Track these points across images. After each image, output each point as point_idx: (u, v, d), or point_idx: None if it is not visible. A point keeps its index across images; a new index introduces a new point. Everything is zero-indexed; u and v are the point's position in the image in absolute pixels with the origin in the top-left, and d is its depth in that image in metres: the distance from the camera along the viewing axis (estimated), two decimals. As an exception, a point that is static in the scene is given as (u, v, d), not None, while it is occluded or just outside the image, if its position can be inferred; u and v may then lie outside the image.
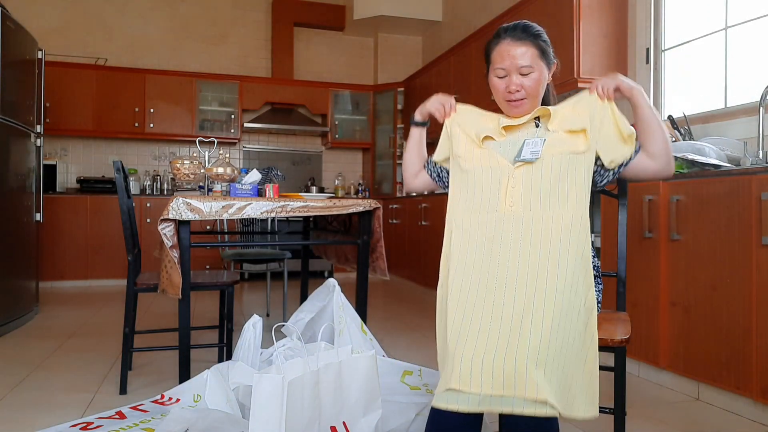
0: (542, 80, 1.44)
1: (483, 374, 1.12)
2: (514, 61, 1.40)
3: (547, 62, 1.45)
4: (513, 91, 1.41)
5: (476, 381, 1.12)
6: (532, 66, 1.41)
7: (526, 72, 1.41)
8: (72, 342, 3.16)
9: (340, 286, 1.92)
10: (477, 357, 1.14)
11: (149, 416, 1.73)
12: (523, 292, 1.20)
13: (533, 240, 1.26)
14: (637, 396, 2.33)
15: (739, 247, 2.05)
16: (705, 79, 3.04)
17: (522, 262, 1.24)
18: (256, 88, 6.10)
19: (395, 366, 1.80)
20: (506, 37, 1.43)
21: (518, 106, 1.43)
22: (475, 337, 1.17)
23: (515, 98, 1.42)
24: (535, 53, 1.41)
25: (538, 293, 1.20)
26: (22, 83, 3.63)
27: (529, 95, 1.42)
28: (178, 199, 2.09)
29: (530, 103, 1.44)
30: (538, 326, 1.16)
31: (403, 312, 4.19)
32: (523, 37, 1.41)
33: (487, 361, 1.13)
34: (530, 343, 1.14)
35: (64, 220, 5.26)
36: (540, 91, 1.45)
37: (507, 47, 1.41)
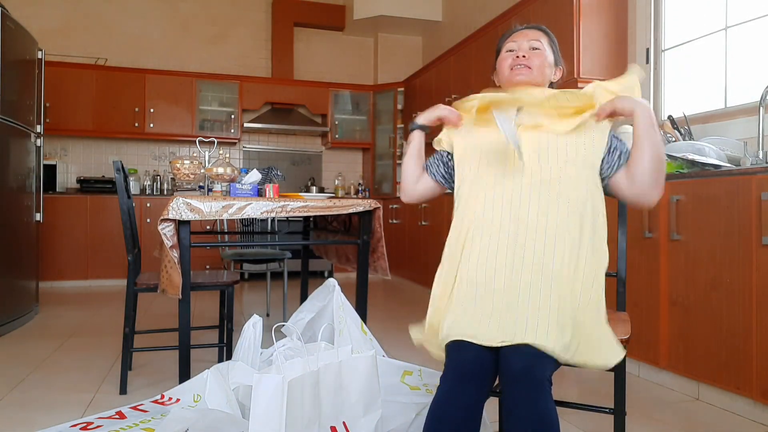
0: (548, 65, 1.50)
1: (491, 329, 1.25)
2: (526, 37, 1.51)
3: (555, 57, 1.53)
4: (520, 57, 1.48)
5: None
6: (542, 46, 1.50)
7: (536, 46, 1.49)
8: (72, 342, 3.16)
9: (340, 286, 1.92)
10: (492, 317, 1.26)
11: (149, 416, 1.73)
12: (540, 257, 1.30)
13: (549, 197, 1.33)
14: (637, 396, 2.33)
15: (739, 247, 2.05)
16: (705, 79, 3.04)
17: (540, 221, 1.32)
18: (256, 88, 6.10)
19: (395, 366, 1.80)
20: (522, 28, 1.55)
21: (521, 73, 1.47)
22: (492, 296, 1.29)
23: (520, 63, 1.47)
24: (546, 40, 1.52)
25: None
26: (22, 83, 3.63)
27: (533, 67, 1.47)
28: (178, 199, 2.09)
29: (532, 75, 1.47)
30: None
31: (403, 312, 4.19)
32: (539, 30, 1.54)
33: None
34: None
35: (64, 220, 5.26)
36: (544, 74, 1.49)
37: (521, 32, 1.53)
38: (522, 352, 1.19)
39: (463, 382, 1.23)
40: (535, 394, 1.16)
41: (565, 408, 1.61)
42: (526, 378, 1.16)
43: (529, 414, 1.16)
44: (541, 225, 1.30)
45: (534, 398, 1.16)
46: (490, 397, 1.60)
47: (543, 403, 1.16)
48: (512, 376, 1.18)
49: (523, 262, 1.29)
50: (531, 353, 1.18)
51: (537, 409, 1.16)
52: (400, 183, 1.66)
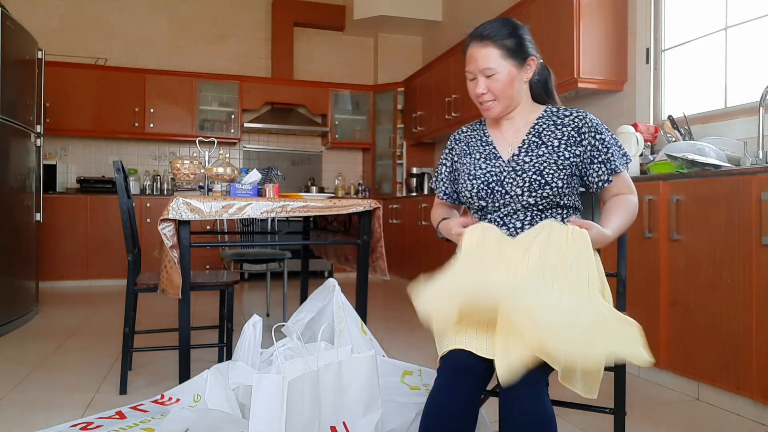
0: (512, 80, 1.44)
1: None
2: (477, 64, 1.43)
3: (516, 61, 1.43)
4: (480, 95, 1.46)
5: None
6: (494, 67, 1.42)
7: (489, 74, 1.43)
8: (72, 342, 3.16)
9: (340, 286, 1.92)
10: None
11: (149, 416, 1.73)
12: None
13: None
14: (637, 396, 2.33)
15: (739, 247, 2.05)
16: (705, 79, 3.04)
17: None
18: (256, 88, 6.10)
19: (395, 366, 1.80)
20: (471, 41, 1.46)
21: (488, 109, 1.48)
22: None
23: (483, 101, 1.47)
24: (497, 53, 1.41)
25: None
26: (22, 83, 3.63)
27: (498, 97, 1.45)
28: (178, 199, 2.09)
29: (501, 105, 1.47)
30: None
31: (403, 312, 4.18)
32: (484, 40, 1.43)
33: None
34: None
35: (64, 220, 5.26)
36: (511, 92, 1.45)
37: (471, 51, 1.45)
38: None
39: (457, 377, 1.24)
40: (532, 393, 1.16)
41: (565, 408, 1.61)
42: (522, 377, 1.16)
43: (525, 413, 1.16)
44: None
45: (530, 397, 1.16)
46: (491, 398, 1.60)
47: (539, 401, 1.17)
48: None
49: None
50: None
51: (533, 407, 1.16)
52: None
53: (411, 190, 5.87)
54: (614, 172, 1.43)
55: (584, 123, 1.45)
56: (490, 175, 1.47)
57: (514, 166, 1.45)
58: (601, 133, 1.44)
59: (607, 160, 1.43)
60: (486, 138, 1.55)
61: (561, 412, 2.11)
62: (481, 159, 1.52)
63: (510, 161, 1.47)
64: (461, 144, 1.60)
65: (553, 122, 1.48)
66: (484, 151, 1.53)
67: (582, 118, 1.46)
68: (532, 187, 1.42)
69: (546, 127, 1.48)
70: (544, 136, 1.47)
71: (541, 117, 1.50)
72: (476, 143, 1.56)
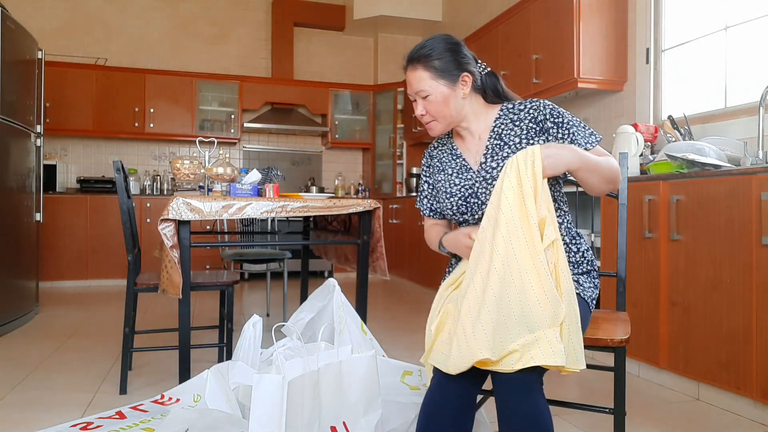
0: (446, 99, 1.42)
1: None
2: (411, 87, 1.46)
3: (448, 80, 1.42)
4: (420, 116, 1.47)
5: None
6: (427, 89, 1.43)
7: (424, 95, 1.44)
8: (72, 342, 3.16)
9: (340, 286, 1.92)
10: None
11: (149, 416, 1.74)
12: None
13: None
14: (637, 396, 2.33)
15: (739, 247, 2.05)
16: (705, 79, 3.04)
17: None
18: (256, 88, 6.10)
19: (395, 366, 1.80)
20: (406, 64, 1.48)
21: (431, 129, 1.49)
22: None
23: (424, 122, 1.48)
24: (427, 75, 1.42)
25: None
26: (22, 83, 3.63)
27: (437, 117, 1.45)
28: (178, 199, 2.09)
29: (442, 124, 1.47)
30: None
31: (403, 312, 4.19)
32: (413, 63, 1.45)
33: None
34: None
35: (64, 220, 5.26)
36: (448, 111, 1.44)
37: (407, 74, 1.47)
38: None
39: (451, 376, 1.24)
40: (526, 393, 1.16)
41: (565, 408, 1.61)
42: (516, 377, 1.16)
43: (520, 413, 1.16)
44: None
45: (525, 397, 1.16)
46: (490, 398, 1.60)
47: (534, 402, 1.16)
48: (503, 375, 1.18)
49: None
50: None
51: (528, 408, 1.16)
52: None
53: (411, 190, 5.87)
54: (594, 144, 1.39)
55: (539, 112, 1.41)
56: (465, 189, 1.47)
57: (483, 174, 1.44)
58: (560, 116, 1.40)
59: (572, 142, 1.37)
60: (455, 151, 1.54)
61: (561, 412, 2.12)
62: (454, 174, 1.51)
63: (479, 170, 1.46)
64: (434, 160, 1.59)
65: (510, 120, 1.46)
66: (455, 165, 1.52)
67: (536, 107, 1.42)
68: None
69: (505, 127, 1.46)
70: (505, 136, 1.45)
71: (498, 118, 1.48)
72: (447, 158, 1.55)
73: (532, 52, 3.74)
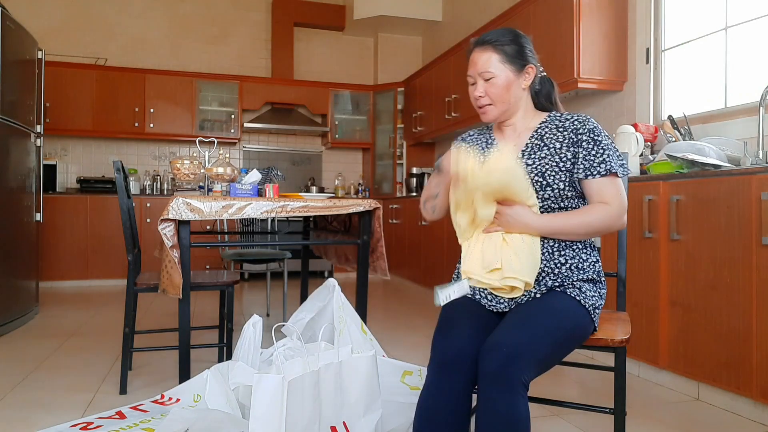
0: (510, 84, 1.48)
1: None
2: (476, 68, 1.49)
3: (515, 66, 1.48)
4: (477, 98, 1.50)
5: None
6: (492, 71, 1.47)
7: (488, 77, 1.47)
8: (72, 342, 3.16)
9: (340, 286, 1.92)
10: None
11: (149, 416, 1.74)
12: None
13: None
14: (637, 396, 2.33)
15: (739, 247, 2.05)
16: (705, 79, 3.04)
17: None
18: (256, 88, 6.10)
19: (395, 366, 1.80)
20: (474, 46, 1.52)
21: (485, 112, 1.52)
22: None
23: (480, 104, 1.51)
24: (497, 58, 1.47)
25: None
26: (22, 83, 3.63)
27: (495, 101, 1.49)
28: (178, 199, 2.09)
29: (498, 109, 1.50)
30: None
31: (403, 312, 4.18)
32: (485, 45, 1.49)
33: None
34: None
35: (64, 220, 5.26)
36: (508, 96, 1.49)
37: (473, 55, 1.51)
38: (498, 352, 1.19)
39: (445, 372, 1.25)
40: (507, 395, 1.16)
41: (565, 408, 1.61)
42: (500, 379, 1.16)
43: (498, 415, 1.16)
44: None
45: (504, 400, 1.16)
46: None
47: (513, 405, 1.15)
48: (487, 375, 1.18)
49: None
50: (508, 354, 1.18)
51: (507, 410, 1.15)
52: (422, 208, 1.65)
53: (411, 190, 5.87)
54: (609, 172, 1.41)
55: (582, 125, 1.45)
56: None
57: None
58: (598, 136, 1.43)
59: (603, 161, 1.41)
60: (491, 141, 1.59)
61: (561, 412, 2.12)
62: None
63: None
64: (466, 146, 1.59)
65: (555, 126, 1.50)
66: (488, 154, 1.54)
67: (582, 121, 1.46)
68: (534, 188, 1.42)
69: (548, 131, 1.50)
70: (546, 138, 1.48)
71: (543, 122, 1.52)
72: (481, 146, 1.59)
73: (532, 52, 3.74)
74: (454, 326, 1.32)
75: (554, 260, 1.42)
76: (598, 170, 1.41)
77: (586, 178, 1.42)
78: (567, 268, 1.41)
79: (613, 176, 1.41)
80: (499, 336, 1.23)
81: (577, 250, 1.45)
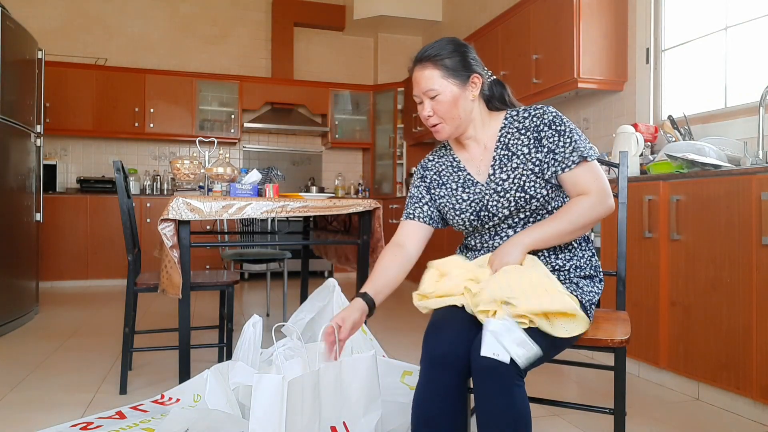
0: (456, 99, 1.40)
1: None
2: (419, 87, 1.42)
3: (459, 80, 1.40)
4: (426, 117, 1.44)
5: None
6: (437, 88, 1.39)
7: (432, 95, 1.40)
8: (72, 342, 3.16)
9: (340, 286, 1.92)
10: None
11: (149, 416, 1.74)
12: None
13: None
14: (637, 396, 2.33)
15: (739, 247, 2.05)
16: (705, 79, 3.04)
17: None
18: (256, 88, 6.10)
19: (395, 366, 1.80)
20: (414, 64, 1.45)
21: (437, 131, 1.45)
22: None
23: (431, 124, 1.44)
24: (438, 74, 1.39)
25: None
26: (22, 83, 3.63)
27: (444, 119, 1.42)
28: (178, 199, 2.09)
29: (450, 126, 1.43)
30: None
31: (403, 312, 4.18)
32: (424, 62, 1.41)
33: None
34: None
35: (64, 220, 5.26)
36: (457, 111, 1.41)
37: (414, 74, 1.44)
38: None
39: (436, 368, 1.24)
40: (503, 387, 1.15)
41: (565, 408, 1.61)
42: (495, 371, 1.16)
43: (497, 408, 1.15)
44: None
45: (502, 391, 1.15)
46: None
47: (511, 396, 1.15)
48: (481, 369, 1.17)
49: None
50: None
51: (504, 404, 1.15)
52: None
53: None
54: (581, 159, 1.35)
55: (540, 119, 1.40)
56: (475, 204, 1.45)
57: (494, 187, 1.42)
58: (560, 126, 1.38)
59: (572, 151, 1.36)
60: (456, 163, 1.52)
61: (561, 412, 2.12)
62: (459, 189, 1.48)
63: (489, 183, 1.44)
64: (431, 173, 1.55)
65: (516, 128, 1.43)
66: (459, 179, 1.49)
67: (539, 116, 1.40)
68: (518, 204, 1.40)
69: (511, 136, 1.43)
70: (512, 145, 1.42)
71: (503, 126, 1.46)
72: (447, 171, 1.52)
73: (532, 52, 3.74)
74: (446, 323, 1.31)
75: (551, 263, 1.42)
76: (569, 161, 1.35)
77: (563, 172, 1.36)
78: (566, 269, 1.42)
79: (585, 162, 1.36)
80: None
81: (574, 250, 1.45)
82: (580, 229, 1.36)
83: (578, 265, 1.44)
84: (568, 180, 1.37)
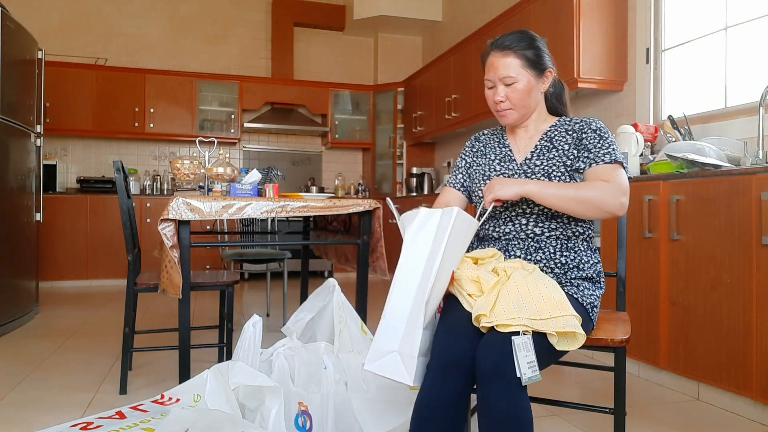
0: (531, 89, 1.49)
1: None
2: (497, 73, 1.49)
3: (536, 71, 1.49)
4: (498, 102, 1.51)
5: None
6: (514, 76, 1.47)
7: (509, 82, 1.48)
8: (72, 342, 3.16)
9: (340, 286, 1.92)
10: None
11: (149, 416, 1.73)
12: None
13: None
14: (637, 396, 2.33)
15: (739, 247, 2.05)
16: (705, 79, 3.04)
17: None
18: (256, 88, 6.10)
19: (395, 366, 1.80)
20: (492, 49, 1.51)
21: (504, 116, 1.53)
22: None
23: (500, 108, 1.52)
24: (518, 63, 1.47)
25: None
26: (22, 83, 3.63)
27: (515, 105, 1.50)
28: (178, 199, 2.09)
29: (518, 113, 1.52)
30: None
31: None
32: (506, 49, 1.48)
33: None
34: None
35: (64, 220, 5.26)
36: (529, 101, 1.50)
37: (492, 59, 1.50)
38: (495, 348, 1.19)
39: (445, 371, 1.25)
40: (506, 391, 1.16)
41: (565, 408, 1.61)
42: (497, 375, 1.17)
43: (499, 411, 1.16)
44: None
45: (505, 395, 1.16)
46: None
47: (513, 400, 1.16)
48: (484, 372, 1.19)
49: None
50: (504, 350, 1.18)
51: (508, 406, 1.16)
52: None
53: (411, 190, 5.87)
54: (613, 161, 1.42)
55: (588, 125, 1.49)
56: (503, 177, 1.52)
57: (525, 169, 1.50)
58: (605, 134, 1.47)
59: (607, 153, 1.43)
60: (503, 141, 1.61)
61: (561, 412, 2.12)
62: (496, 161, 1.57)
63: (522, 164, 1.52)
64: (479, 145, 1.66)
65: (565, 129, 1.53)
66: (500, 154, 1.58)
67: (588, 122, 1.50)
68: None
69: (558, 134, 1.52)
70: (556, 140, 1.51)
71: (553, 125, 1.55)
72: (493, 146, 1.62)
73: (532, 52, 3.74)
74: (456, 328, 1.32)
75: (555, 260, 1.43)
76: (602, 159, 1.42)
77: (590, 166, 1.43)
78: (567, 267, 1.42)
79: (616, 164, 1.42)
80: (495, 333, 1.23)
81: (579, 252, 1.45)
82: (583, 204, 1.35)
83: (580, 266, 1.44)
84: (592, 173, 1.42)
